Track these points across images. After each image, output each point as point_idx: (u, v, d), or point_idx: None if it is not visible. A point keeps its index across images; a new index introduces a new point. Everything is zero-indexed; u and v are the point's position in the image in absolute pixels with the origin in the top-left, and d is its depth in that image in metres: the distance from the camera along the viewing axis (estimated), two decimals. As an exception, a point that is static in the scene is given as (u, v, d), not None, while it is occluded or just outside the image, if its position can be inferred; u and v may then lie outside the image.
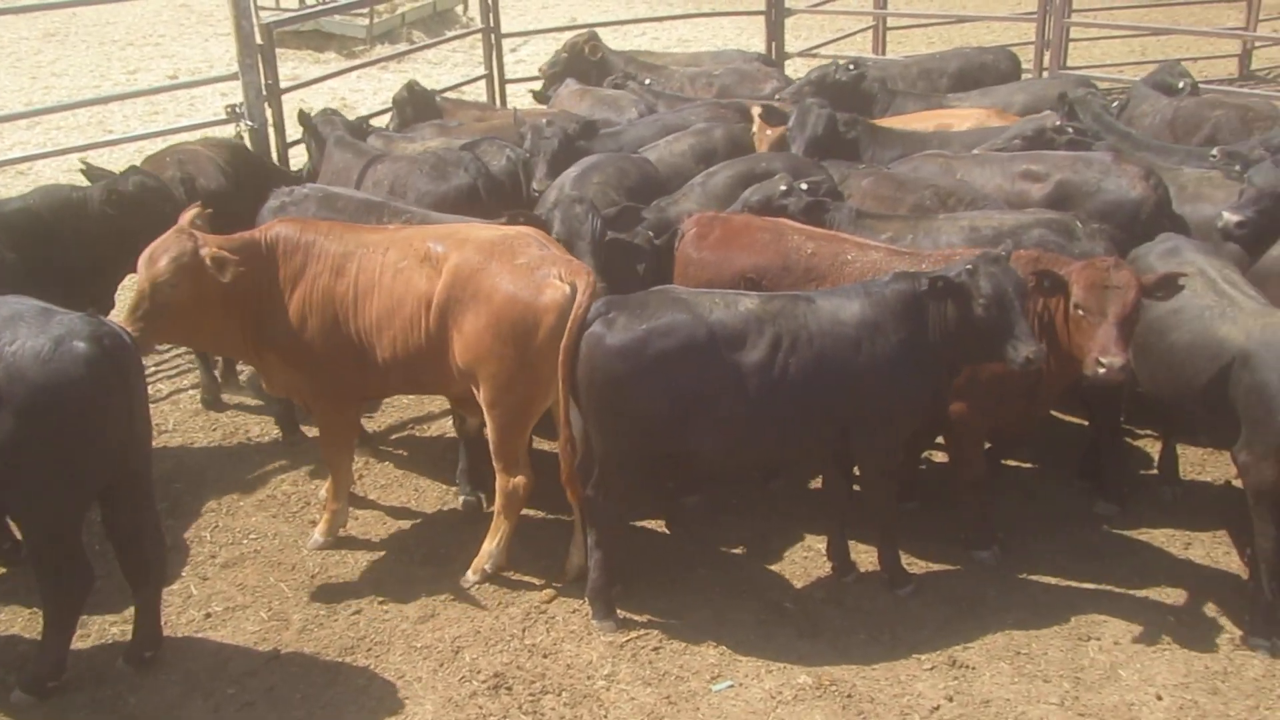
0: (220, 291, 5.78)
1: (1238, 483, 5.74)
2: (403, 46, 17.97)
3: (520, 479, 5.87)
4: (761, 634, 5.66)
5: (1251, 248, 6.45)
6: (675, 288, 5.80)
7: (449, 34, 17.96)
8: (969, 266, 5.39)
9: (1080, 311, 5.43)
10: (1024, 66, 12.28)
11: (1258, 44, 15.91)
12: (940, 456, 7.10)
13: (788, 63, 13.84)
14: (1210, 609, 5.76)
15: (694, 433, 5.43)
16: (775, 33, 13.84)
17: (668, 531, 6.53)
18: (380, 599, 5.96)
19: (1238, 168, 6.81)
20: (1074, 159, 7.47)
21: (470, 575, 6.00)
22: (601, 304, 5.46)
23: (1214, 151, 7.32)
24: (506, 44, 13.58)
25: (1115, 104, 9.11)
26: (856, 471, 6.11)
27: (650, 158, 8.14)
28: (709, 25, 19.42)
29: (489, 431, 5.86)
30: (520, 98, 12.57)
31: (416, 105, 9.89)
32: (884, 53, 15.26)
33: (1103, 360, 5.31)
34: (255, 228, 6.25)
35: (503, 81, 12.89)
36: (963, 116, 9.06)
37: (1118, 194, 7.10)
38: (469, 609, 5.86)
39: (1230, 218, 6.39)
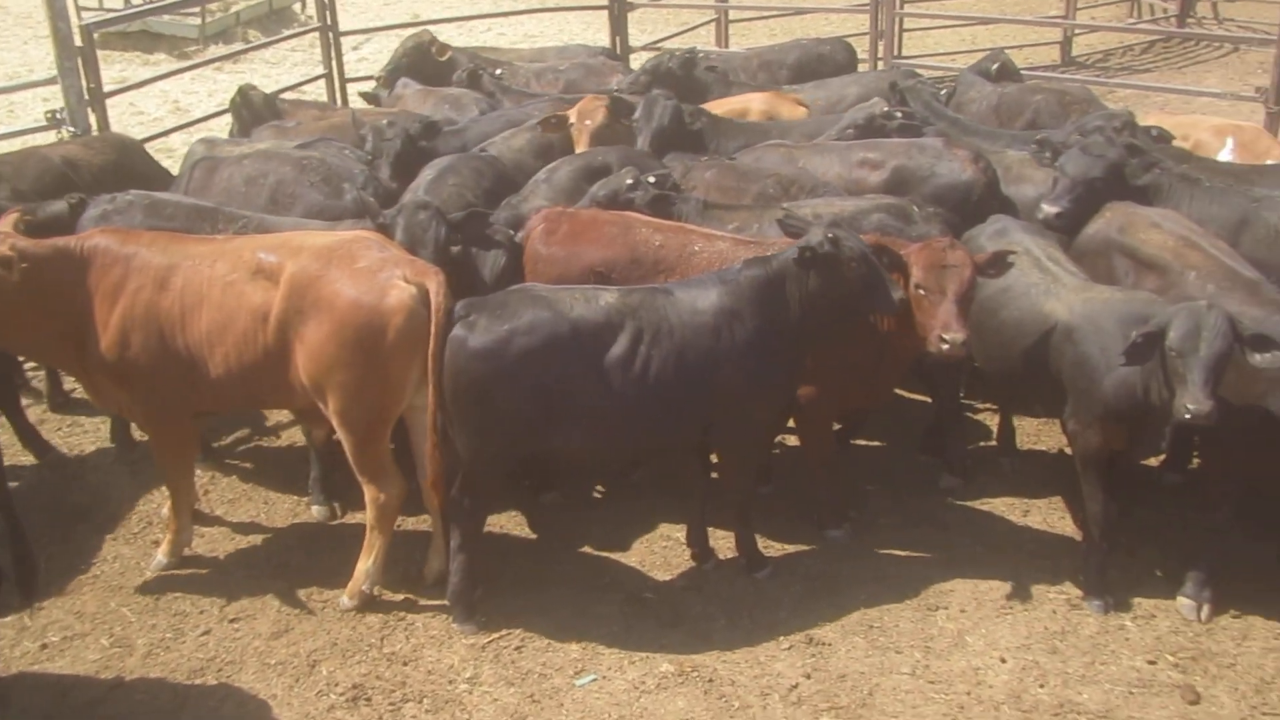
0: (18, 293, 5.50)
1: (1069, 450, 6.01)
2: (238, 46, 17.43)
3: (390, 490, 5.68)
4: (624, 626, 5.69)
5: (1072, 232, 6.75)
6: (535, 286, 5.75)
7: (286, 33, 17.45)
8: (827, 234, 5.54)
9: (921, 291, 5.59)
10: (861, 56, 12.64)
11: (1077, 31, 16.72)
12: (792, 439, 7.25)
13: (633, 57, 13.91)
14: (1048, 572, 6.00)
15: (561, 430, 5.41)
16: (619, 27, 13.91)
17: (528, 529, 6.50)
18: (230, 617, 5.77)
19: (1047, 155, 7.14)
20: (908, 145, 7.71)
21: (347, 600, 5.80)
22: (461, 306, 5.39)
23: (1036, 138, 7.65)
24: (347, 42, 13.32)
25: (944, 91, 9.42)
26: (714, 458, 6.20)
27: (492, 152, 8.07)
28: (554, 20, 19.43)
29: (345, 445, 5.67)
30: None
31: (252, 109, 9.56)
32: (727, 45, 15.47)
33: (945, 336, 5.47)
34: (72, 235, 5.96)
35: (343, 81, 12.62)
36: (752, 100, 9.35)
37: (950, 178, 7.37)
38: (324, 621, 5.72)
39: (1049, 209, 6.70)
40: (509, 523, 6.52)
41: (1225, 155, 8.36)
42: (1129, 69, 16.61)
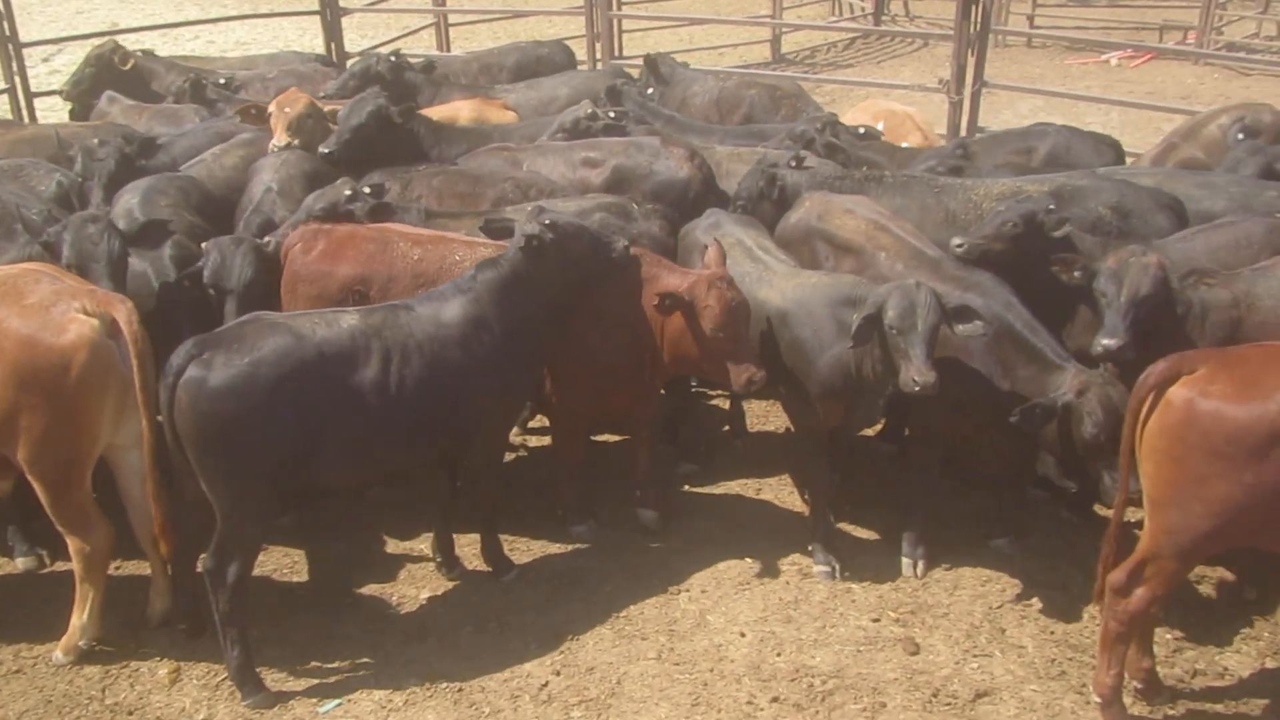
0: None
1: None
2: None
3: (95, 539, 5.25)
4: (368, 645, 5.55)
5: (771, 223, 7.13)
6: (269, 314, 5.37)
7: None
8: (540, 219, 5.61)
9: (721, 335, 5.61)
10: (581, 59, 12.82)
11: (784, 30, 17.61)
12: (536, 440, 7.29)
13: (351, 63, 13.54)
14: (781, 546, 6.28)
15: (320, 460, 5.11)
16: (333, 33, 13.52)
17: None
18: (-74, 687, 5.25)
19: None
20: (627, 145, 7.89)
21: (60, 654, 5.36)
22: (191, 345, 4.97)
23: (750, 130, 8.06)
24: (36, 53, 12.32)
25: (650, 90, 9.70)
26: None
27: (198, 174, 7.64)
28: (269, 27, 18.69)
29: (40, 495, 5.20)
30: (56, 112, 11.46)
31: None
32: (448, 49, 15.35)
33: (754, 379, 5.63)
34: None
35: (29, 95, 11.67)
36: (461, 108, 9.37)
37: (667, 175, 7.60)
38: (36, 678, 5.29)
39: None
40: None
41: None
42: (834, 64, 17.65)
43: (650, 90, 9.51)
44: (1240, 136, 7.99)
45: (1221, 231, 6.46)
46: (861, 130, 8.44)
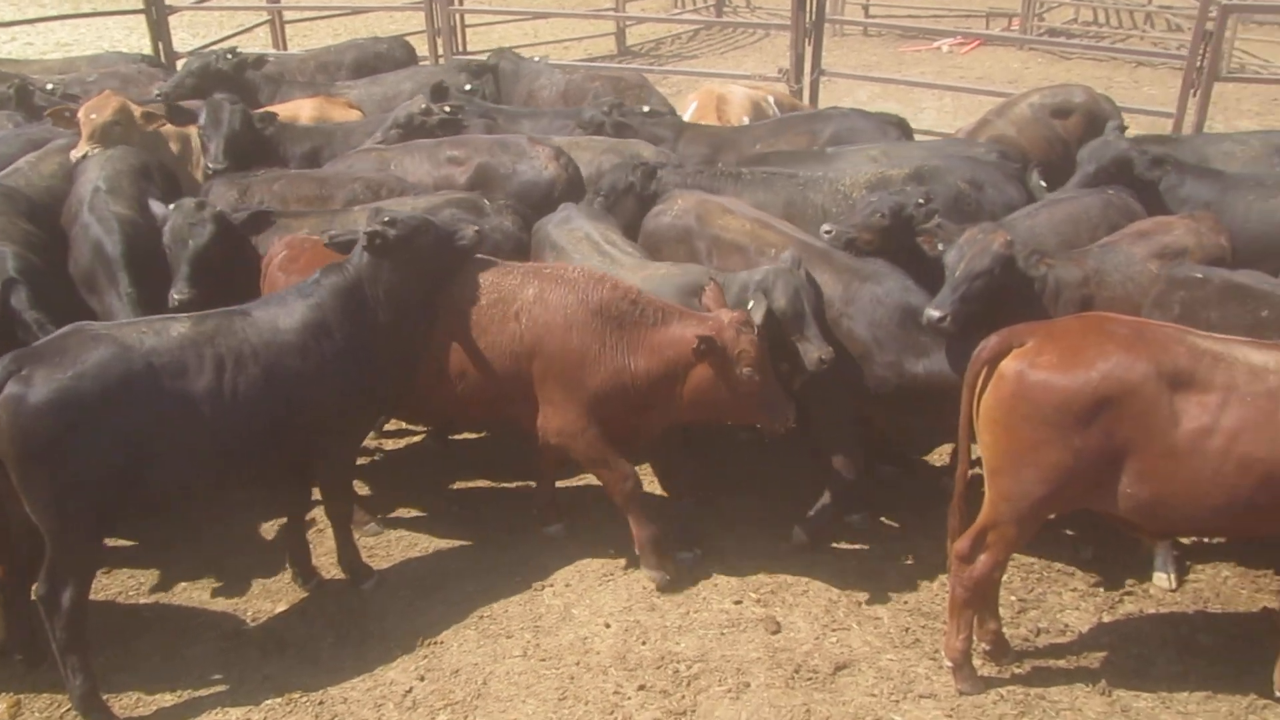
0: None
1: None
2: None
3: None
4: (222, 663, 5.37)
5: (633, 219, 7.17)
6: (92, 325, 5.11)
7: None
8: (380, 217, 5.52)
9: (756, 377, 5.44)
10: (423, 54, 12.64)
11: (629, 23, 17.70)
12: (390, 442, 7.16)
13: (181, 64, 13.03)
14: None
15: (152, 474, 4.88)
16: (160, 32, 12.99)
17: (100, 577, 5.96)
18: None
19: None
20: (492, 143, 7.82)
21: None
22: (9, 360, 4.69)
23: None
24: None
25: (469, 87, 9.58)
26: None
27: (16, 183, 7.19)
28: (93, 27, 17.86)
29: None
30: None
31: None
32: (285, 47, 14.92)
33: (790, 419, 5.60)
34: None
35: None
36: (303, 106, 9.20)
37: (532, 175, 7.57)
38: None
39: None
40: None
41: (688, 115, 9.65)
42: (678, 56, 17.84)
43: (469, 87, 9.36)
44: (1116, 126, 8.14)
45: (1062, 206, 6.78)
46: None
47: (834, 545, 6.22)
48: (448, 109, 8.29)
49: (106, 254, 6.32)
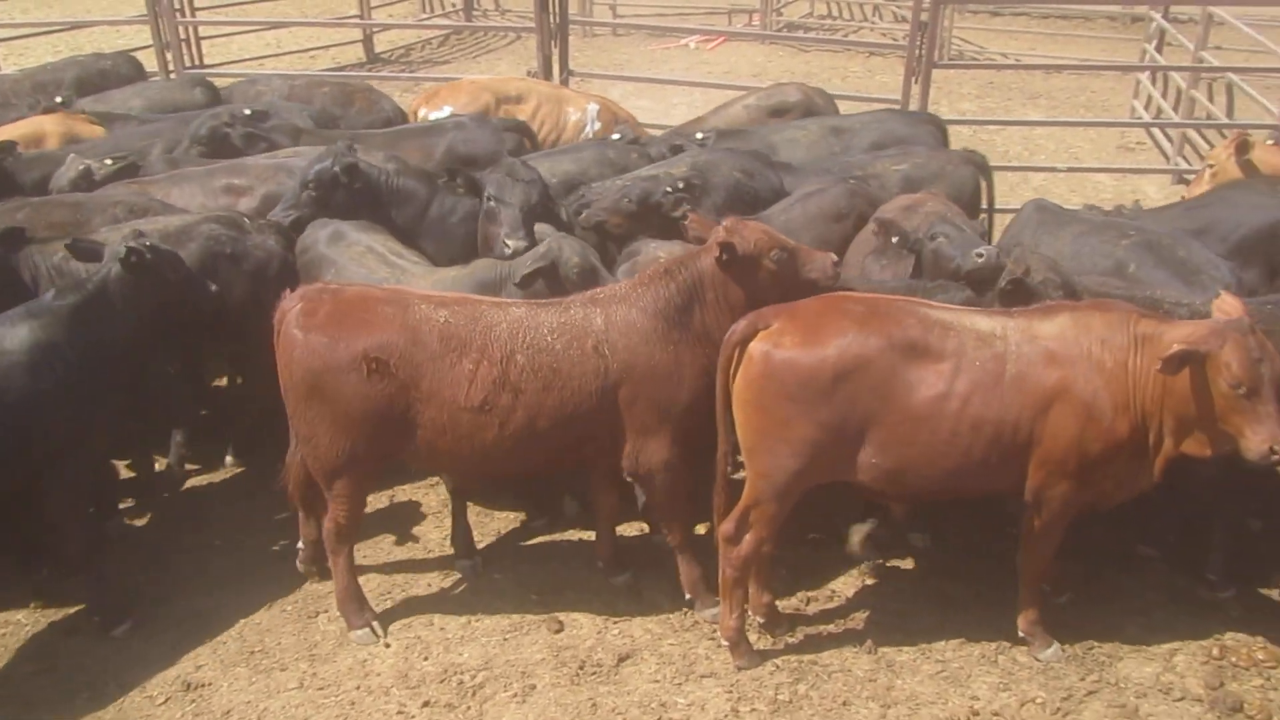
0: None
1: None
2: None
3: None
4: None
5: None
6: None
7: None
8: (137, 238, 5.44)
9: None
10: (153, 69, 11.98)
11: (375, 30, 17.34)
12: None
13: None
14: (421, 548, 6.24)
15: None
16: None
17: None
18: None
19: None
20: (275, 169, 7.48)
21: None
22: None
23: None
24: None
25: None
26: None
27: None
28: None
29: None
30: None
31: None
32: (-2, 66, 13.84)
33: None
34: None
35: None
36: (44, 123, 8.66)
37: None
38: None
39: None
40: None
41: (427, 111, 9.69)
42: (430, 61, 17.58)
43: (248, 111, 8.77)
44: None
45: (814, 200, 7.06)
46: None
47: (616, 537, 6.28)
48: (245, 117, 7.98)
49: None
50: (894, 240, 6.08)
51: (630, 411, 5.23)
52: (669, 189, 6.48)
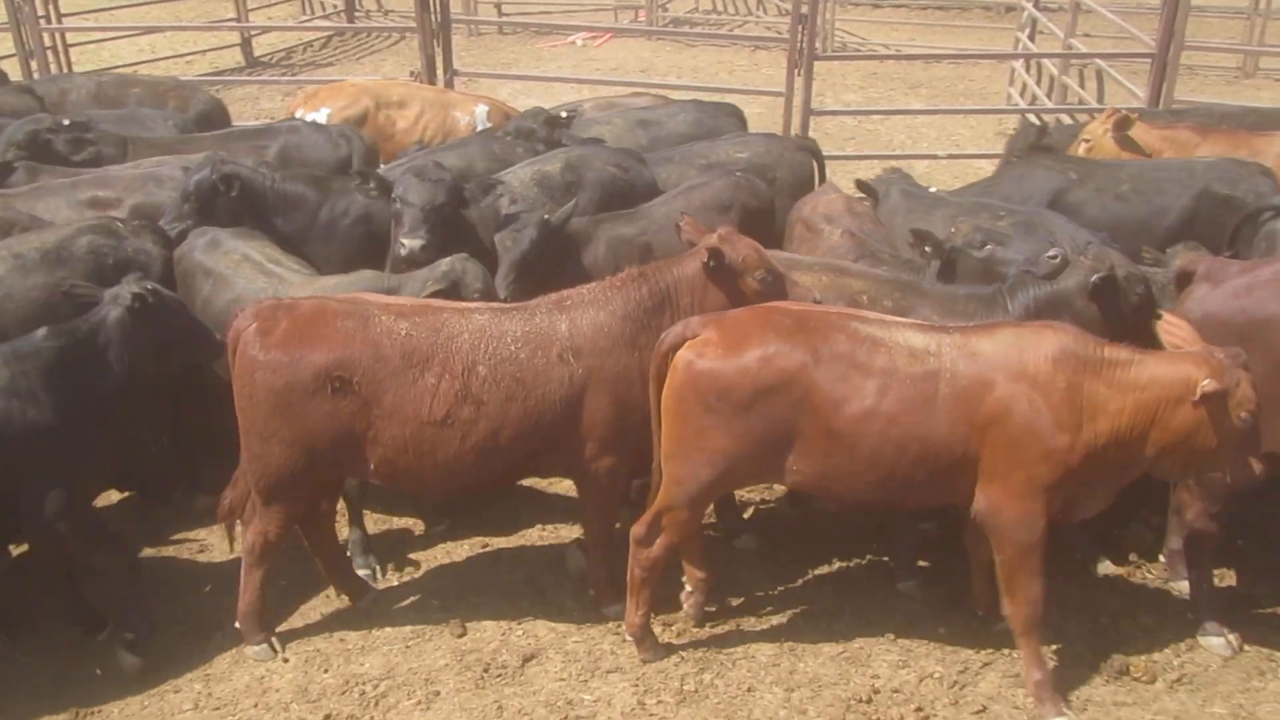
0: None
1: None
2: None
3: None
4: None
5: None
6: None
7: None
8: (141, 283, 5.45)
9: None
10: (17, 78, 11.52)
11: (253, 33, 16.93)
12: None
13: None
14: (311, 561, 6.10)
15: None
16: None
17: None
18: None
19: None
20: (144, 179, 7.23)
21: None
22: None
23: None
24: None
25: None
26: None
27: None
28: None
29: None
30: None
31: None
32: None
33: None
34: None
35: None
36: None
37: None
38: None
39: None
40: None
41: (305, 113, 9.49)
42: (312, 64, 17.22)
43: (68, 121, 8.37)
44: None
45: (699, 192, 7.11)
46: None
47: (513, 542, 6.25)
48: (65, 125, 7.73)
49: None
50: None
51: (594, 415, 5.15)
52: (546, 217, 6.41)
